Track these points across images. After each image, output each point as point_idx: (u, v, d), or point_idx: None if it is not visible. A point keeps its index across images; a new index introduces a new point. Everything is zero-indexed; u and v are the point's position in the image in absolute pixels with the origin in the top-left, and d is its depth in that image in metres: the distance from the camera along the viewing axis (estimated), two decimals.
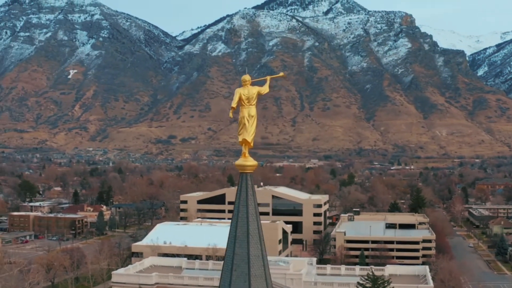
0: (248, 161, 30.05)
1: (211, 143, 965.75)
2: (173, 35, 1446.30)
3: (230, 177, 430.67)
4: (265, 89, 31.20)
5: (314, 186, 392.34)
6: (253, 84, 30.74)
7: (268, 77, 31.57)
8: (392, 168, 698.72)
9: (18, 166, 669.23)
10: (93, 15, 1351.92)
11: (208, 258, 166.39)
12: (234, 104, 30.50)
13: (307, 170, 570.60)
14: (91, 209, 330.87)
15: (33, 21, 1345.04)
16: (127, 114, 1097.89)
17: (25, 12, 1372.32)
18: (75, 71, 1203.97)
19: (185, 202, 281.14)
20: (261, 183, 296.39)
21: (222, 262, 33.86)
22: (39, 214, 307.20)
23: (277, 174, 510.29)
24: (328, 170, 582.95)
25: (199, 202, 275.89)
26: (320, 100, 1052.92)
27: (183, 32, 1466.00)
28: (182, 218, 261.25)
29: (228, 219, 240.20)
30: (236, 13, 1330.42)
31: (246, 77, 30.57)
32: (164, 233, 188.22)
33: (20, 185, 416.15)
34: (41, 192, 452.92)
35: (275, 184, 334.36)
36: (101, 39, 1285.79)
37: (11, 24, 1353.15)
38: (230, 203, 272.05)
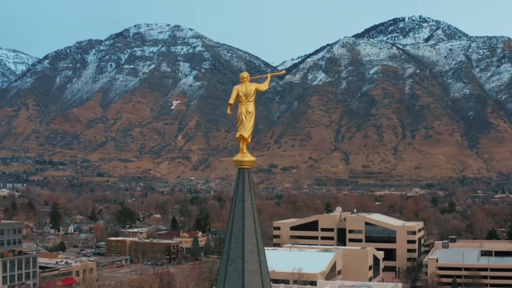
0: (245, 157, 30.24)
1: (312, 172, 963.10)
2: (274, 65, 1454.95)
3: (327, 204, 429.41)
4: (264, 86, 31.30)
5: (413, 214, 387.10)
6: (253, 81, 30.76)
7: (269, 75, 31.77)
8: (495, 196, 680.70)
9: (122, 194, 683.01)
10: (195, 47, 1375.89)
11: (295, 282, 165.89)
12: (231, 101, 30.73)
13: (407, 198, 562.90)
14: (187, 235, 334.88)
15: (137, 54, 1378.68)
16: (228, 143, 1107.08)
17: (129, 45, 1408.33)
18: (178, 102, 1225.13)
19: (278, 228, 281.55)
20: (354, 210, 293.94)
21: (307, 287, 33.43)
22: (136, 239, 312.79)
23: (377, 203, 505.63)
24: (430, 199, 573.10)
25: (292, 228, 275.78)
26: (422, 128, 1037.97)
27: (284, 62, 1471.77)
28: (275, 245, 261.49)
29: (322, 245, 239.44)
30: (336, 42, 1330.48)
31: (244, 74, 30.80)
32: None
33: (120, 212, 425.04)
34: (141, 219, 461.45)
35: (373, 212, 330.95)
36: (203, 70, 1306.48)
37: (116, 57, 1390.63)
38: (323, 229, 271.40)
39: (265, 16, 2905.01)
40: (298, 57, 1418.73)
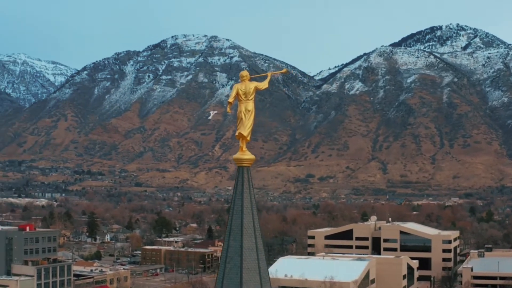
0: (245, 155, 30.40)
1: (349, 181, 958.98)
2: (311, 75, 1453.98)
3: (364, 214, 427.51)
4: (263, 85, 31.40)
5: (450, 224, 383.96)
6: (253, 80, 30.88)
7: (269, 73, 31.84)
8: None
9: (159, 204, 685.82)
10: (232, 57, 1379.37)
11: None
12: (230, 99, 30.88)
13: (445, 208, 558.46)
14: (222, 244, 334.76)
15: (175, 65, 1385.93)
16: (266, 153, 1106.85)
17: (166, 56, 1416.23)
18: (215, 112, 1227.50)
19: (312, 237, 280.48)
20: (389, 219, 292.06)
21: None
22: (171, 248, 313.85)
23: (414, 212, 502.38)
24: (468, 208, 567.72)
25: (327, 237, 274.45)
26: (460, 137, 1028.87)
27: (321, 71, 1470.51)
28: (309, 254, 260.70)
29: (356, 254, 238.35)
30: (373, 51, 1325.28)
31: (244, 72, 30.97)
32: (285, 267, 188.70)
33: (156, 221, 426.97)
34: (177, 228, 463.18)
35: (409, 221, 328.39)
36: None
37: (154, 68, 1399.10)
38: (357, 238, 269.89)
39: (302, 26, 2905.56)
40: (335, 67, 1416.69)
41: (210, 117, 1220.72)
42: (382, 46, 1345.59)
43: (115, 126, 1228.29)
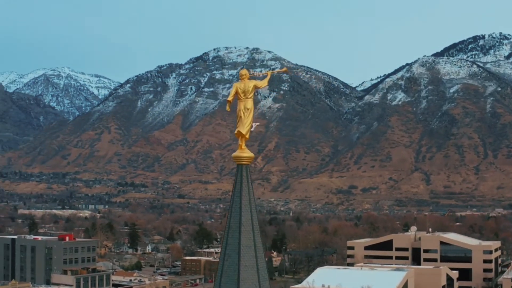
0: (244, 153, 30.63)
1: (392, 193, 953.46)
2: (353, 85, 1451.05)
3: (405, 225, 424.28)
4: (263, 83, 31.56)
5: (493, 235, 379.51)
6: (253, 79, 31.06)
7: (269, 72, 31.94)
8: None
9: (201, 216, 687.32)
10: (274, 69, 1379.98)
11: None
12: (229, 98, 31.12)
13: (488, 219, 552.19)
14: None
15: (217, 77, 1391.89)
16: (308, 165, 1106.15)
17: (208, 69, 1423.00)
18: (258, 124, 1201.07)
19: (352, 248, 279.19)
20: (429, 229, 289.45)
21: None
22: (211, 259, 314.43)
23: (457, 223, 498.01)
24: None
25: (366, 248, 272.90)
26: (504, 147, 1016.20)
27: (363, 82, 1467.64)
28: (348, 264, 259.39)
29: (395, 265, 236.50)
30: (415, 62, 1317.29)
31: (243, 71, 31.24)
32: (323, 277, 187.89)
33: (197, 232, 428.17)
34: (218, 239, 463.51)
35: (451, 232, 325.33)
36: (282, 92, 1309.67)
37: (196, 80, 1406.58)
38: (397, 249, 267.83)
39: (344, 37, 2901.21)
40: (377, 77, 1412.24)
41: (252, 129, 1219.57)
42: (425, 56, 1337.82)
43: (158, 138, 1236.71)
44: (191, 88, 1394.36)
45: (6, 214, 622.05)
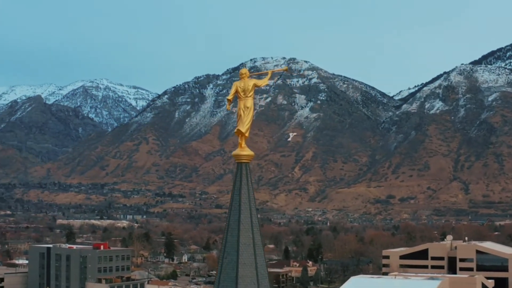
0: (243, 151, 30.80)
1: (430, 202, 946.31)
2: (390, 95, 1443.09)
3: (443, 234, 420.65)
4: (263, 82, 31.77)
5: None
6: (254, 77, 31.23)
7: (270, 71, 32.11)
8: None
9: None
10: (311, 79, 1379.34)
11: None
12: (229, 97, 31.42)
13: None
14: (297, 265, 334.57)
15: None
16: (345, 174, 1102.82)
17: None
18: (295, 133, 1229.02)
19: (387, 257, 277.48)
20: (466, 238, 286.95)
21: None
22: None
23: (496, 233, 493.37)
24: None
25: (402, 257, 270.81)
26: None
27: (400, 91, 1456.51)
28: (384, 273, 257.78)
29: (430, 274, 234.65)
30: (453, 70, 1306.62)
31: (243, 70, 31.42)
32: (356, 285, 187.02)
33: None
34: None
35: (489, 241, 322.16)
36: (319, 102, 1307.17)
37: None
38: (433, 258, 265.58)
39: (381, 46, 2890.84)
40: (415, 86, 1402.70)
41: (289, 139, 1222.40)
42: (462, 64, 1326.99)
43: (195, 149, 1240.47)
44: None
45: (45, 224, 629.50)
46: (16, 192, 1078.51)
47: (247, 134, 30.00)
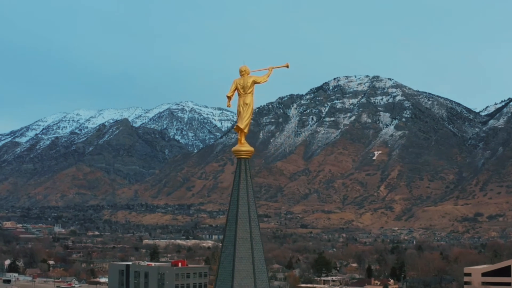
0: (243, 147, 31.46)
1: None
2: (477, 110, 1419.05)
3: None
4: (262, 78, 32.19)
5: None
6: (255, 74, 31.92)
7: (270, 67, 32.57)
8: None
9: (323, 245, 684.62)
10: (395, 96, 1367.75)
11: None
12: (229, 94, 31.93)
13: None
14: (378, 283, 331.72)
15: (338, 106, 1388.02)
16: (432, 192, 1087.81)
17: (329, 98, 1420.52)
18: (380, 152, 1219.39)
19: (469, 274, 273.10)
20: None
21: None
22: (326, 286, 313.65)
23: None
24: None
25: (484, 274, 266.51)
26: None
27: (487, 107, 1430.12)
28: None
29: None
30: None
31: (243, 67, 31.92)
32: None
33: (316, 261, 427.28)
34: (338, 268, 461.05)
35: None
36: (403, 119, 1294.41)
37: (317, 110, 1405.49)
38: None
39: (465, 61, 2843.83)
40: (502, 101, 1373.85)
41: (374, 157, 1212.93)
42: None
43: (280, 169, 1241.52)
44: (312, 118, 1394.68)
45: (131, 244, 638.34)
46: (104, 213, 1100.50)
47: (246, 130, 30.64)
